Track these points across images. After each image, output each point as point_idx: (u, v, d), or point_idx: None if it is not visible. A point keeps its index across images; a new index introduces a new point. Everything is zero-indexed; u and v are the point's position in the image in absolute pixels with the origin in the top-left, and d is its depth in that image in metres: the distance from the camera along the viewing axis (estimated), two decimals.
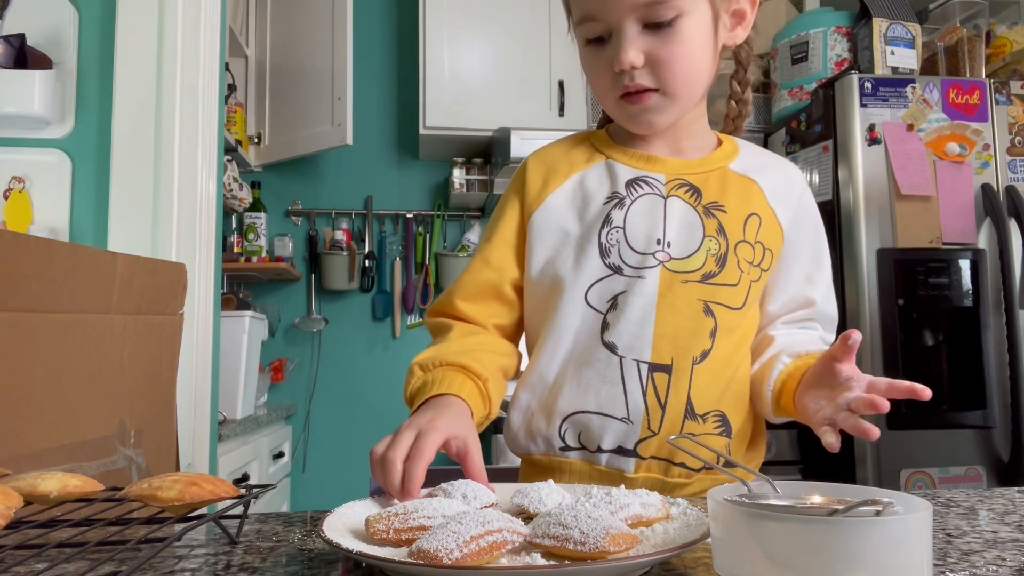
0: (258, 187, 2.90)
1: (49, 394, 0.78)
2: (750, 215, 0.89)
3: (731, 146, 0.94)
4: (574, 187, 0.91)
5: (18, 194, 1.59)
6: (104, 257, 0.87)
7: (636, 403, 0.83)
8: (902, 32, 2.32)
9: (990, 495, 0.75)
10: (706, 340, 0.85)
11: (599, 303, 0.86)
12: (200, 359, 1.62)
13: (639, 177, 0.89)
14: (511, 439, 0.92)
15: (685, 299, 0.84)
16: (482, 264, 0.92)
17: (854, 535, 0.40)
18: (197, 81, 1.67)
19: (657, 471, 0.84)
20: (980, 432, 2.05)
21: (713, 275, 0.86)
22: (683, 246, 0.86)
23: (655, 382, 0.84)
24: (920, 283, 2.07)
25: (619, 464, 0.84)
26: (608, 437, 0.84)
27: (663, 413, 0.83)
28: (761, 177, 0.92)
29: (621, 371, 0.84)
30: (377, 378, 2.98)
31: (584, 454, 0.86)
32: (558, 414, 0.86)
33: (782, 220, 0.91)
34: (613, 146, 0.93)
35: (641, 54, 0.81)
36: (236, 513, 0.61)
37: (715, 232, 0.87)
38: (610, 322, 0.85)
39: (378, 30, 3.09)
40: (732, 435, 0.86)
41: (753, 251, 0.88)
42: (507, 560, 0.48)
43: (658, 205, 0.87)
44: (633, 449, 0.84)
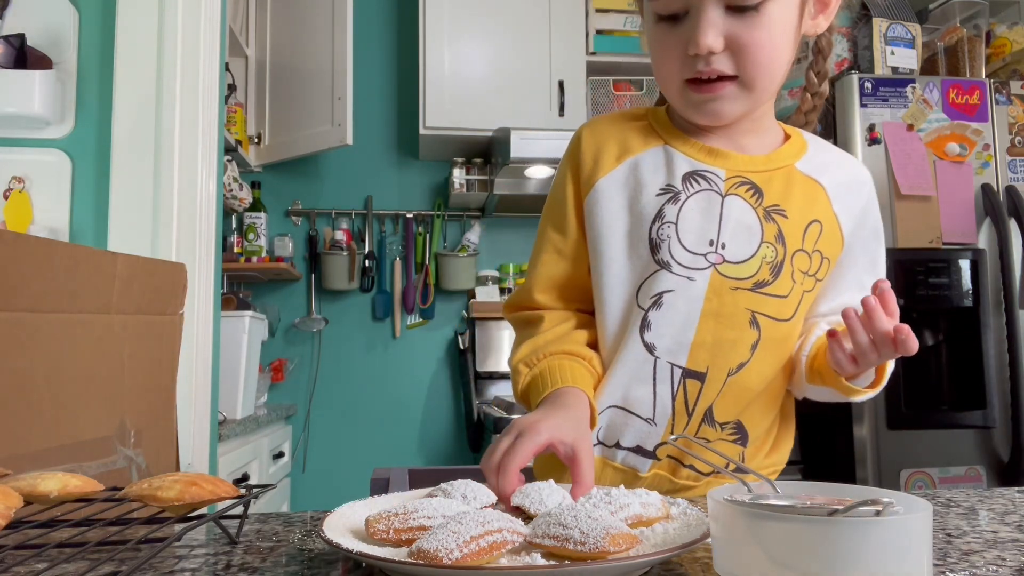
0: (258, 187, 2.90)
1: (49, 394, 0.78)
2: (812, 222, 0.84)
3: (800, 142, 0.88)
4: (627, 173, 0.85)
5: (18, 194, 1.59)
6: (104, 257, 0.87)
7: (664, 406, 0.82)
8: (902, 32, 2.32)
9: (990, 495, 0.75)
10: (745, 352, 0.81)
11: (644, 299, 0.82)
12: (200, 359, 1.62)
13: (697, 171, 0.83)
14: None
15: (732, 307, 0.80)
16: (556, 257, 0.88)
17: (854, 535, 0.40)
18: (197, 81, 1.67)
19: (667, 470, 0.84)
20: (980, 432, 2.05)
21: (765, 284, 0.81)
22: (738, 250, 0.81)
23: (686, 388, 0.81)
24: (920, 283, 2.07)
25: (634, 463, 0.84)
26: (629, 435, 0.83)
27: (688, 419, 0.82)
28: (828, 179, 0.86)
29: (654, 372, 0.82)
30: (377, 378, 2.98)
31: (602, 449, 0.85)
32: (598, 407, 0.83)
33: (844, 228, 0.86)
34: (673, 130, 0.86)
35: (721, 37, 0.75)
36: (236, 513, 0.61)
37: (773, 239, 0.81)
38: (651, 320, 0.82)
39: (378, 30, 3.09)
40: (748, 443, 0.85)
41: (810, 260, 0.83)
42: (507, 560, 0.48)
43: (715, 203, 0.82)
44: (652, 451, 0.83)
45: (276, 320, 2.92)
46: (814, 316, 0.89)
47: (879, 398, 2.02)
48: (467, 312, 3.05)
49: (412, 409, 2.98)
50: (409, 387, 2.99)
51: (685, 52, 0.77)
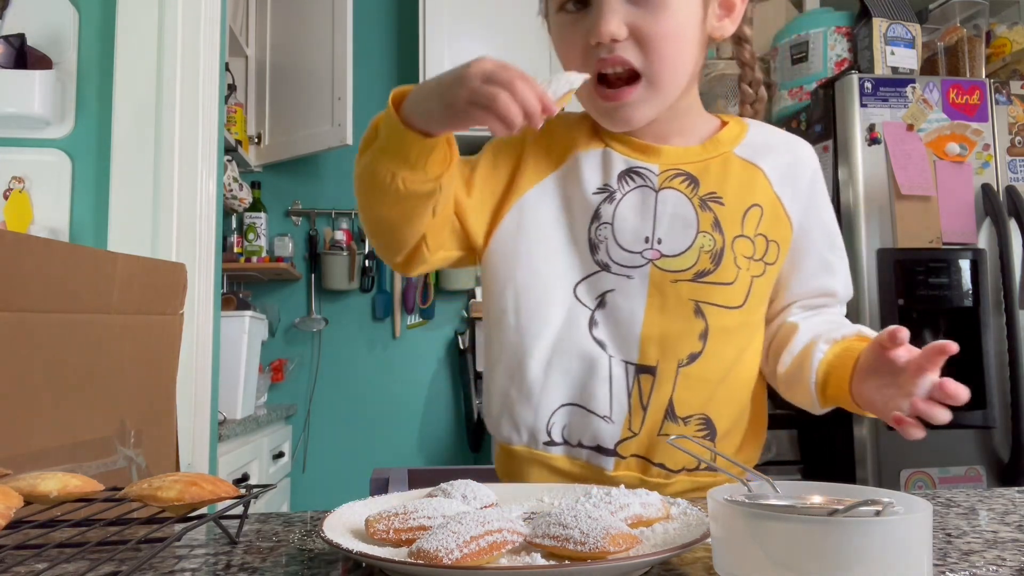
0: (258, 187, 2.90)
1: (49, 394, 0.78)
2: (751, 207, 0.83)
3: (738, 127, 0.88)
4: (567, 171, 0.85)
5: (18, 194, 1.59)
6: (104, 257, 0.87)
7: (620, 403, 0.82)
8: (902, 32, 2.32)
9: (990, 495, 0.75)
10: (695, 342, 0.82)
11: (587, 299, 0.83)
12: (200, 359, 1.62)
13: (632, 168, 0.83)
14: (492, 424, 0.89)
15: (675, 299, 0.81)
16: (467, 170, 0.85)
17: (854, 535, 0.40)
18: (197, 81, 1.67)
19: (636, 469, 0.83)
20: (980, 432, 2.05)
21: (707, 273, 0.81)
22: (674, 243, 0.81)
23: (640, 383, 0.82)
24: (920, 283, 2.07)
25: (599, 462, 0.83)
26: (589, 434, 0.83)
27: (644, 414, 0.82)
28: (767, 162, 0.86)
29: (610, 370, 0.82)
30: (377, 378, 2.98)
31: (567, 449, 0.84)
32: (546, 405, 0.83)
33: (790, 209, 0.86)
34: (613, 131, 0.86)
35: (624, 26, 0.75)
36: (236, 513, 0.61)
37: (710, 227, 0.82)
38: (598, 320, 0.83)
39: (378, 30, 3.09)
40: (716, 438, 0.84)
41: (753, 245, 0.83)
42: (507, 560, 0.48)
43: (649, 199, 0.82)
44: (613, 449, 0.82)
45: (276, 320, 2.92)
46: (786, 303, 0.88)
47: None
48: (467, 312, 3.05)
49: (412, 409, 2.98)
50: (409, 387, 2.99)
51: (588, 44, 0.76)
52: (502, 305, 0.85)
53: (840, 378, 0.77)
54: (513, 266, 0.85)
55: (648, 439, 0.82)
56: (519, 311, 0.84)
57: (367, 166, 0.75)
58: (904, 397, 0.69)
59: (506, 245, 0.86)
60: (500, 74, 0.65)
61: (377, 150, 0.74)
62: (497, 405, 0.87)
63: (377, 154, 0.74)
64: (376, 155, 0.74)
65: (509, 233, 0.85)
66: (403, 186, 0.73)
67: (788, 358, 0.84)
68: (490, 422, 0.89)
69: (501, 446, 0.89)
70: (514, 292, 0.84)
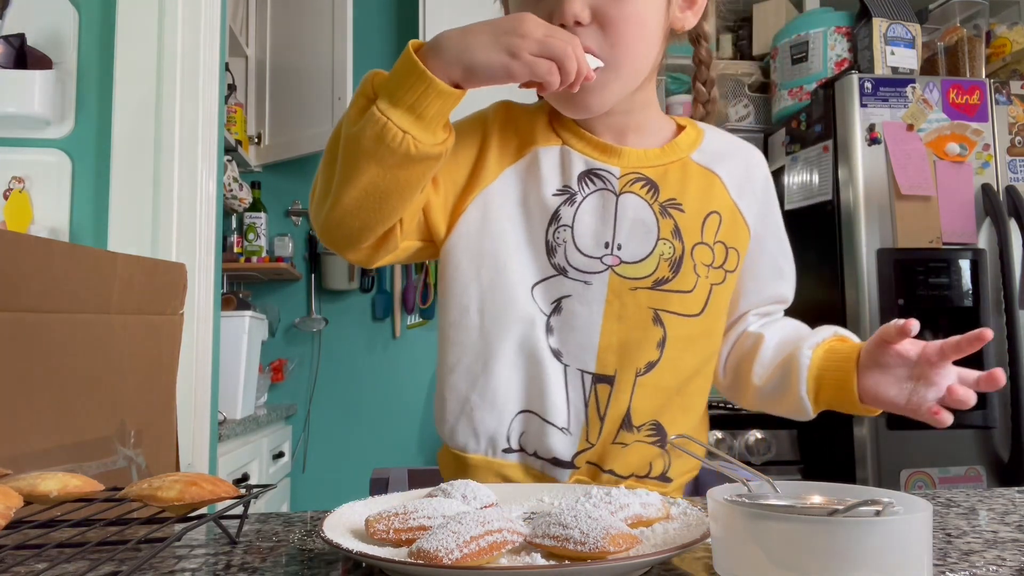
0: (258, 187, 2.90)
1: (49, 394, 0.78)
2: (710, 214, 0.82)
3: (694, 132, 0.87)
4: (527, 165, 0.82)
5: (18, 194, 1.59)
6: (104, 257, 0.87)
7: (577, 414, 0.79)
8: (902, 32, 2.32)
9: (990, 495, 0.75)
10: (652, 351, 0.80)
11: (544, 303, 0.80)
12: (200, 359, 1.62)
13: (593, 170, 0.81)
14: (446, 430, 0.83)
15: (634, 307, 0.79)
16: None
17: (854, 535, 0.40)
18: (197, 81, 1.67)
19: (587, 475, 0.81)
20: (980, 432, 2.05)
21: (666, 281, 0.80)
22: (635, 249, 0.79)
23: (597, 393, 0.79)
24: (920, 283, 2.07)
25: (553, 473, 0.80)
26: (545, 445, 0.79)
27: (601, 425, 0.79)
28: (723, 168, 0.85)
29: (565, 379, 0.80)
30: (377, 378, 2.98)
31: (522, 456, 0.81)
32: (508, 411, 0.80)
33: (747, 216, 0.85)
34: (570, 125, 0.84)
35: (587, 9, 0.73)
36: (236, 513, 0.61)
37: (670, 234, 0.80)
38: (554, 326, 0.80)
39: (378, 30, 3.09)
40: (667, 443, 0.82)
41: (712, 253, 0.82)
42: (507, 560, 0.48)
43: (610, 203, 0.80)
44: (571, 461, 0.80)
45: (276, 320, 2.92)
46: (742, 311, 0.88)
47: None
48: None
49: (412, 409, 2.98)
50: (409, 387, 2.99)
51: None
52: (464, 303, 0.81)
53: (838, 380, 0.77)
54: (477, 263, 0.81)
55: (602, 448, 0.80)
56: (483, 311, 0.81)
57: (369, 125, 0.68)
58: (928, 387, 0.71)
59: (469, 239, 0.81)
60: (559, 31, 0.69)
61: (386, 107, 0.67)
62: (454, 411, 0.82)
63: (386, 110, 0.67)
64: (384, 112, 0.67)
65: (473, 226, 0.81)
66: (414, 148, 0.67)
67: (761, 369, 0.84)
68: (443, 428, 0.84)
69: (453, 454, 0.83)
70: (478, 291, 0.81)
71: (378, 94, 0.69)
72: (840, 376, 0.77)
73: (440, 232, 0.82)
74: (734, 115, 2.68)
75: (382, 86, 0.69)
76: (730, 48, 2.87)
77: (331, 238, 0.76)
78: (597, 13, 0.74)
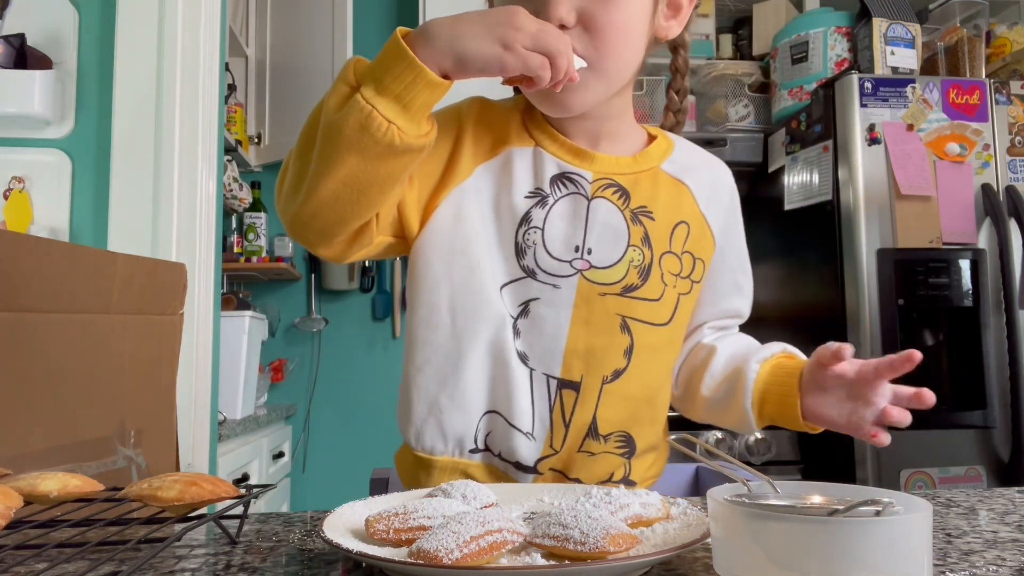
0: (258, 187, 2.90)
1: (49, 394, 0.78)
2: (679, 223, 0.83)
3: (665, 142, 0.87)
4: (501, 165, 0.81)
5: (18, 194, 1.59)
6: (104, 257, 0.87)
7: (542, 419, 0.78)
8: (902, 32, 2.32)
9: (990, 495, 0.75)
10: (620, 359, 0.79)
11: (511, 305, 0.79)
12: (200, 359, 1.62)
13: (565, 173, 0.80)
14: (412, 433, 0.81)
15: (602, 313, 0.78)
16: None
17: (854, 535, 0.40)
18: (197, 81, 1.67)
19: (551, 482, 0.80)
20: (980, 432, 2.05)
21: (634, 288, 0.79)
22: (605, 255, 0.79)
23: (563, 399, 0.78)
24: (920, 283, 2.07)
25: (517, 477, 0.79)
26: (508, 447, 0.78)
27: (566, 432, 0.78)
28: (693, 179, 0.85)
29: (531, 384, 0.78)
30: (377, 378, 2.98)
31: (487, 456, 0.80)
32: (474, 411, 0.79)
33: (714, 227, 0.86)
34: (544, 127, 0.83)
35: (574, 12, 0.72)
36: (236, 513, 0.61)
37: (640, 241, 0.80)
38: (521, 329, 0.78)
39: (378, 30, 3.09)
40: (635, 455, 0.81)
41: (680, 263, 0.82)
42: (507, 560, 0.48)
43: (581, 207, 0.79)
44: (533, 466, 0.79)
45: (276, 320, 2.92)
46: (698, 323, 0.89)
47: None
48: None
49: None
50: None
51: None
52: (433, 301, 0.79)
53: (782, 395, 0.78)
54: (448, 261, 0.79)
55: (568, 455, 0.79)
56: (455, 311, 0.79)
57: (352, 113, 0.64)
58: (867, 406, 0.71)
59: (440, 236, 0.79)
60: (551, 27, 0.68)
61: (371, 95, 0.64)
62: (421, 413, 0.80)
63: (371, 99, 0.64)
64: (369, 100, 0.64)
65: (445, 223, 0.79)
66: (398, 139, 0.65)
67: (711, 381, 0.84)
68: (408, 430, 0.81)
69: (416, 456, 0.81)
70: (449, 290, 0.79)
71: (361, 82, 0.65)
72: (784, 392, 0.77)
73: (413, 228, 0.80)
74: (734, 115, 2.68)
75: (366, 74, 0.66)
76: (730, 48, 2.87)
77: (302, 231, 0.73)
78: (583, 15, 0.73)
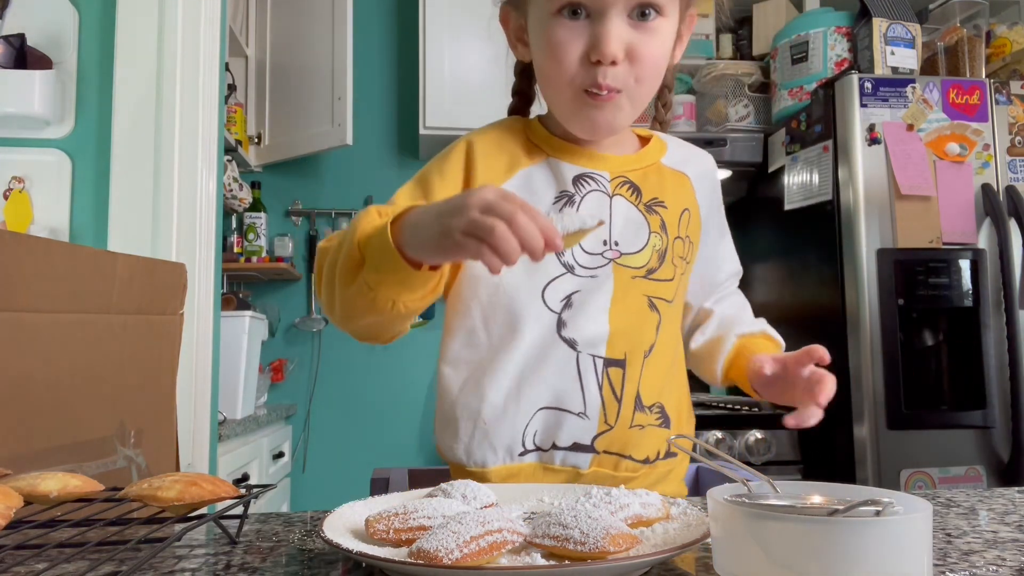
0: (258, 187, 2.90)
1: (49, 394, 0.78)
2: (684, 211, 0.91)
3: (658, 141, 0.95)
4: (521, 183, 0.86)
5: (18, 194, 1.59)
6: (104, 257, 0.87)
7: (593, 398, 0.83)
8: (902, 32, 2.32)
9: (990, 495, 0.75)
10: (652, 334, 0.86)
11: (553, 302, 0.84)
12: (200, 359, 1.62)
13: (585, 174, 0.87)
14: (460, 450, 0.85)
15: (635, 295, 0.86)
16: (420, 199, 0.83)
17: (854, 535, 0.40)
18: (197, 81, 1.67)
19: (608, 466, 0.84)
20: (980, 432, 2.05)
21: (654, 270, 0.87)
22: (631, 243, 0.86)
23: (610, 377, 0.84)
24: (920, 283, 2.07)
25: (574, 461, 0.83)
26: (564, 434, 0.83)
27: (619, 406, 0.84)
28: (690, 170, 0.94)
29: (578, 366, 0.83)
30: (377, 378, 2.98)
31: (539, 455, 0.84)
32: (522, 417, 0.83)
33: (702, 212, 0.95)
34: (553, 140, 0.89)
35: (623, 48, 0.77)
36: (236, 513, 0.61)
37: (659, 228, 0.88)
38: (566, 320, 0.84)
39: (378, 30, 3.09)
40: (671, 425, 0.87)
41: (684, 246, 0.90)
42: (507, 560, 0.48)
43: (604, 204, 0.86)
44: (591, 444, 0.83)
45: (276, 320, 2.92)
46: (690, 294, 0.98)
47: (879, 398, 2.02)
48: None
49: (412, 409, 2.98)
50: (409, 387, 2.99)
51: (585, 56, 0.77)
52: (471, 325, 0.86)
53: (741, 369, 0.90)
54: (475, 285, 0.86)
55: (621, 432, 0.84)
56: (489, 327, 0.85)
57: (359, 294, 0.70)
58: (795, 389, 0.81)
59: (468, 265, 0.85)
60: (501, 205, 0.60)
61: (372, 280, 0.69)
62: (467, 431, 0.84)
63: (371, 282, 0.69)
64: (370, 283, 0.69)
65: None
66: (404, 308, 0.71)
67: (701, 339, 0.97)
68: (456, 448, 0.85)
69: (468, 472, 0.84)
70: (480, 310, 0.85)
71: (365, 258, 0.69)
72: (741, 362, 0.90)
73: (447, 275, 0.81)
74: (734, 115, 2.68)
75: (369, 251, 0.69)
76: (730, 48, 2.87)
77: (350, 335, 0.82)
78: (630, 51, 0.77)
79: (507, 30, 0.90)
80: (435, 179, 0.85)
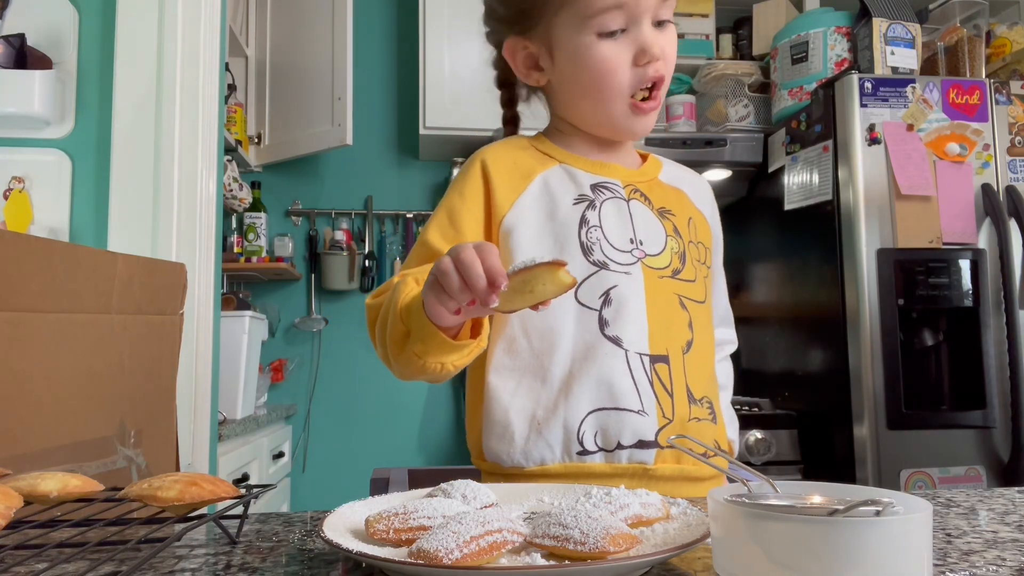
0: (258, 187, 2.90)
1: (49, 394, 0.78)
2: (689, 218, 0.96)
3: (654, 160, 1.01)
4: (540, 188, 0.91)
5: (18, 194, 1.59)
6: (104, 257, 0.87)
7: (647, 394, 0.84)
8: (902, 32, 2.32)
9: (990, 495, 0.75)
10: (687, 331, 0.89)
11: (591, 300, 0.86)
12: (200, 359, 1.62)
13: (600, 182, 0.92)
14: (517, 452, 0.86)
15: (664, 294, 0.88)
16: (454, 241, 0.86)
17: (854, 535, 0.40)
18: (197, 81, 1.67)
19: (672, 460, 0.85)
20: (980, 432, 2.05)
21: (679, 271, 0.91)
22: (653, 245, 0.90)
23: (658, 372, 0.86)
24: (920, 283, 2.07)
25: (641, 458, 0.84)
26: (627, 432, 0.84)
27: (672, 400, 0.85)
28: (685, 187, 1.00)
29: (628, 364, 0.85)
30: (377, 378, 2.98)
31: (604, 455, 0.84)
32: (575, 416, 0.84)
33: (709, 219, 1.00)
34: (562, 152, 0.94)
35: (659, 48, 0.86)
36: (236, 513, 0.61)
37: (673, 232, 0.92)
38: (607, 318, 0.86)
39: (378, 30, 3.09)
40: (717, 423, 0.90)
41: (699, 251, 0.95)
42: (507, 560, 0.48)
43: (622, 208, 0.91)
44: (655, 439, 0.84)
45: (276, 320, 2.92)
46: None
47: (879, 398, 2.02)
48: None
49: (412, 409, 2.98)
50: (409, 387, 2.98)
51: (630, 64, 0.86)
52: (510, 334, 0.88)
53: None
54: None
55: (681, 425, 0.85)
56: (528, 333, 0.87)
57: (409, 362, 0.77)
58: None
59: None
60: (455, 250, 0.65)
61: (419, 350, 0.75)
62: (522, 433, 0.86)
63: (419, 352, 0.75)
64: (417, 352, 0.75)
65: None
66: (453, 368, 0.77)
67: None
68: (514, 452, 0.86)
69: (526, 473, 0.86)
70: (517, 318, 0.88)
71: (410, 331, 0.76)
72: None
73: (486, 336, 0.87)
74: (734, 115, 2.68)
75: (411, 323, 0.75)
76: (730, 48, 2.87)
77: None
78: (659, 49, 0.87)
79: (514, 61, 0.94)
80: (457, 202, 0.90)
